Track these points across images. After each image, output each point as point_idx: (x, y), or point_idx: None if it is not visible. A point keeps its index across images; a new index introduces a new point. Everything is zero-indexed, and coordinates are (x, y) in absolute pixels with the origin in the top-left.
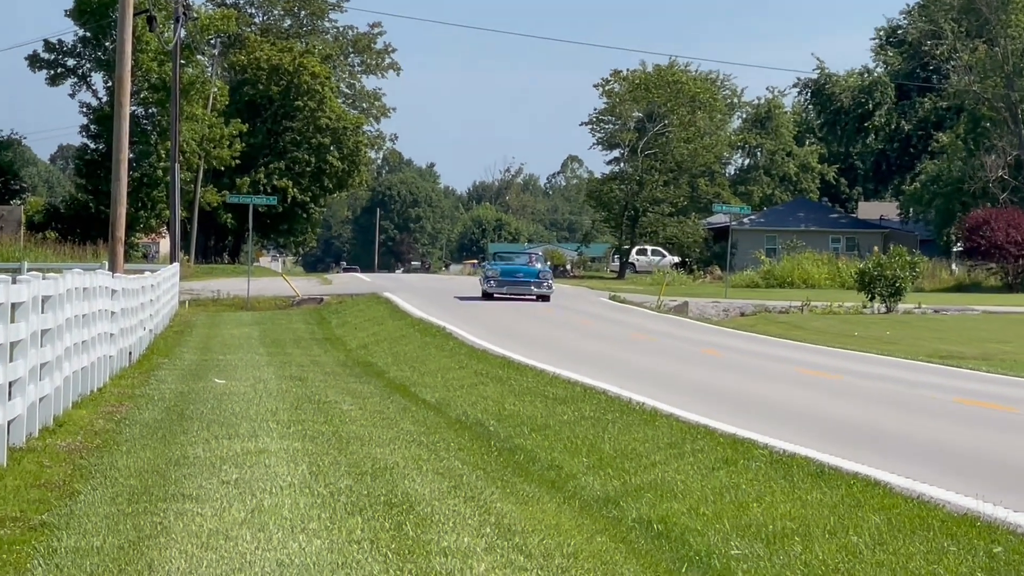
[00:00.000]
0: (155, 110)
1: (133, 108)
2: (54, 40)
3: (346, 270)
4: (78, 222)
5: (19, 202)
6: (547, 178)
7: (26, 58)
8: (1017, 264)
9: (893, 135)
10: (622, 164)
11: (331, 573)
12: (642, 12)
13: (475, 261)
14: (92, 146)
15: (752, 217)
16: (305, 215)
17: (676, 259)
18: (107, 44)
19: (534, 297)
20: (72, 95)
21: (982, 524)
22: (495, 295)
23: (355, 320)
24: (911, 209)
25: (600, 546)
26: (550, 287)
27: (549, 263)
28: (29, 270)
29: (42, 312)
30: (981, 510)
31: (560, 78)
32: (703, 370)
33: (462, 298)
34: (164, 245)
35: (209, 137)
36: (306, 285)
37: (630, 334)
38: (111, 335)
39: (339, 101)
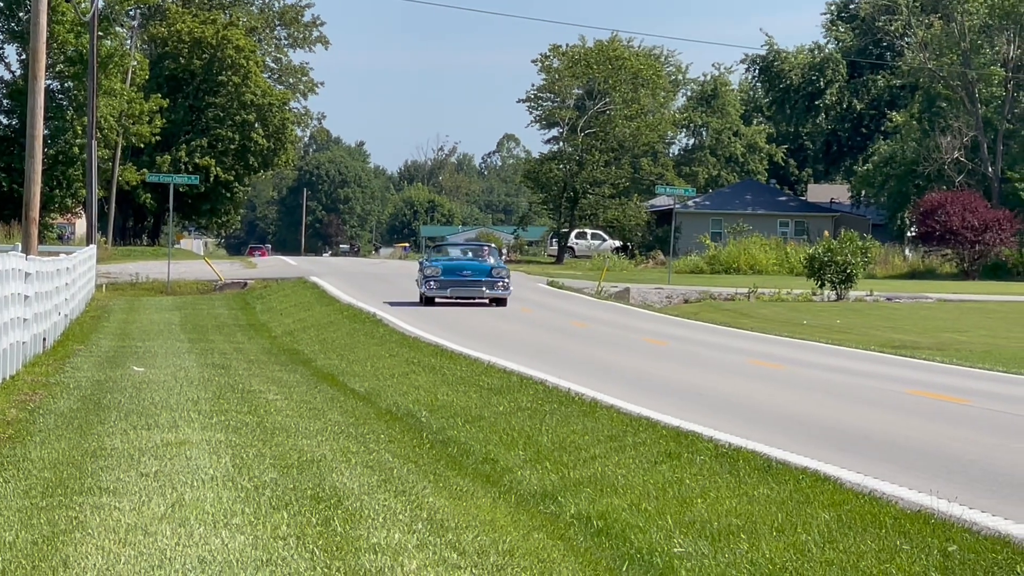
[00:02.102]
0: (71, 84)
1: (48, 82)
2: None
3: (253, 248)
4: None
5: None
6: (482, 158)
7: None
8: (973, 250)
9: (844, 114)
10: (561, 143)
11: (255, 570)
12: None
13: (406, 244)
14: (5, 122)
15: (697, 200)
16: (228, 195)
17: (617, 243)
18: (20, 15)
19: (486, 301)
20: None
21: (936, 521)
22: (437, 299)
23: (281, 306)
24: (863, 192)
25: (537, 543)
26: (506, 287)
27: (503, 255)
28: None
29: None
30: (935, 507)
31: (497, 53)
32: (645, 360)
33: (394, 303)
34: (80, 226)
35: (128, 113)
36: (229, 269)
37: (569, 322)
38: (24, 320)
39: (265, 76)
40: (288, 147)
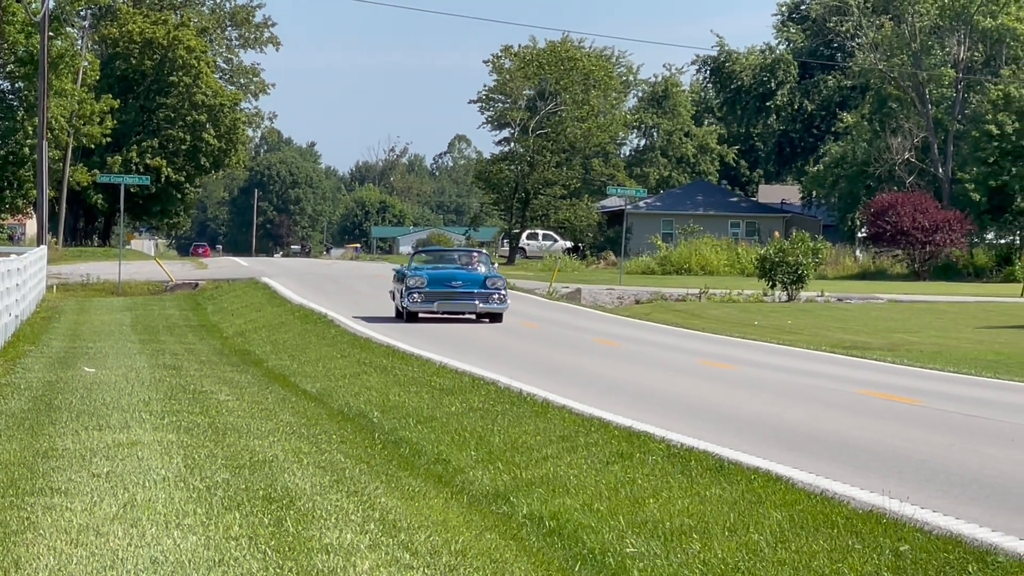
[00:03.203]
0: (22, 85)
1: None
2: None
3: (197, 247)
4: None
5: None
6: (434, 158)
7: None
8: (924, 250)
9: (795, 115)
10: (512, 144)
11: (207, 571)
12: None
13: (357, 245)
14: None
15: (648, 200)
16: (179, 196)
17: (568, 244)
18: None
19: (477, 316)
20: None
21: (888, 521)
22: (421, 314)
23: (232, 306)
24: (814, 193)
25: (489, 543)
26: (503, 300)
27: (494, 264)
28: None
29: None
30: (887, 507)
31: (448, 54)
32: (597, 360)
33: (369, 319)
34: (31, 227)
35: (79, 113)
36: (180, 269)
37: (520, 322)
38: None
39: (216, 76)
40: (239, 148)
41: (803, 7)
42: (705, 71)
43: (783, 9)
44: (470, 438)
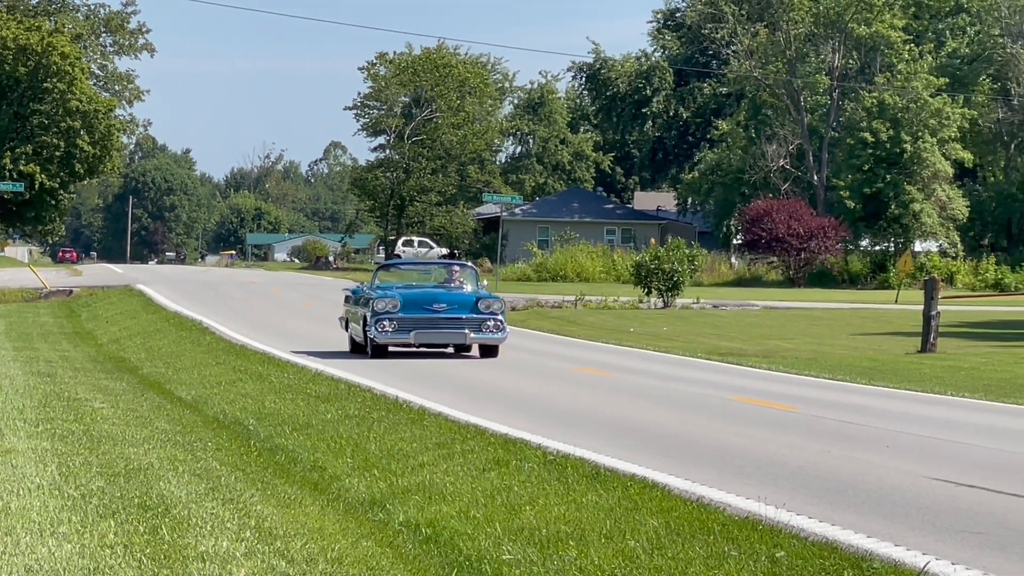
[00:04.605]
0: None
1: None
2: None
3: (63, 250)
4: None
5: None
6: (309, 165)
7: None
8: (799, 257)
9: (671, 122)
10: (388, 151)
11: None
12: None
13: (232, 252)
14: None
15: (524, 207)
16: (53, 202)
17: (444, 250)
18: None
19: (468, 350)
20: None
21: (764, 527)
22: (392, 347)
23: (107, 313)
24: (689, 199)
25: (366, 551)
26: (501, 328)
27: (483, 282)
28: None
29: None
30: (763, 513)
31: (323, 61)
32: (473, 367)
33: (315, 353)
34: None
35: None
36: (55, 276)
37: None
38: None
39: (90, 83)
40: (114, 154)
41: (678, 14)
42: (581, 78)
43: (659, 16)
44: (346, 445)
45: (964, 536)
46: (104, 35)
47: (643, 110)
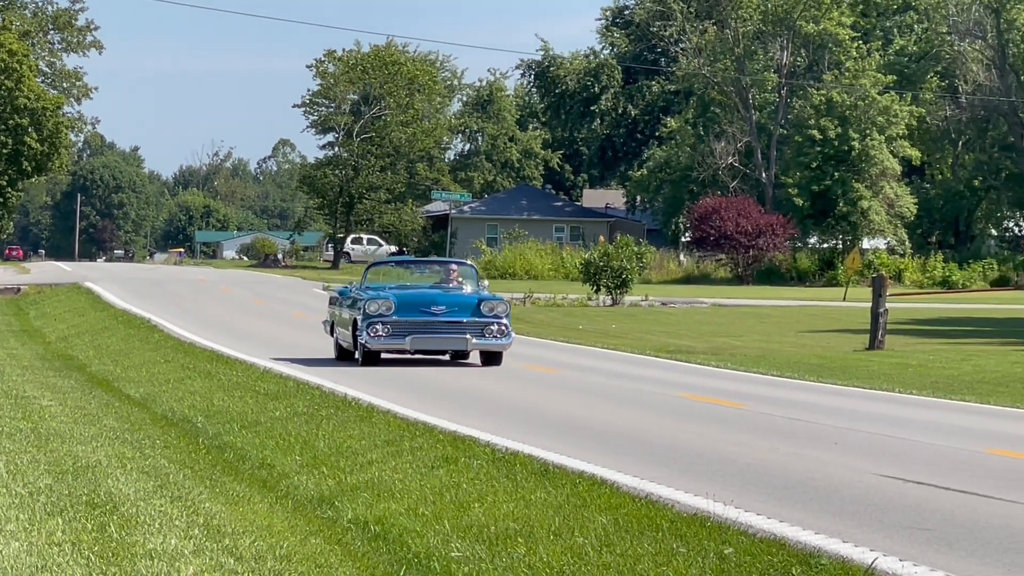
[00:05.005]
0: None
1: None
2: None
3: (9, 248)
4: None
5: None
6: (257, 163)
7: None
8: (747, 255)
9: (619, 120)
10: (337, 148)
11: None
12: None
13: (181, 250)
14: None
15: (472, 205)
16: (1, 200)
17: (393, 248)
18: None
19: (466, 356)
20: None
21: (712, 524)
22: (385, 353)
23: (55, 311)
24: (638, 197)
25: (314, 548)
26: (505, 332)
27: (484, 281)
28: None
29: None
30: (711, 510)
31: (272, 58)
32: (422, 365)
33: (277, 354)
34: None
35: None
36: (2, 275)
37: None
38: None
39: (38, 80)
40: (62, 152)
41: (627, 12)
42: (529, 76)
43: (607, 14)
44: (295, 443)
45: (912, 532)
46: (52, 32)
47: (592, 108)
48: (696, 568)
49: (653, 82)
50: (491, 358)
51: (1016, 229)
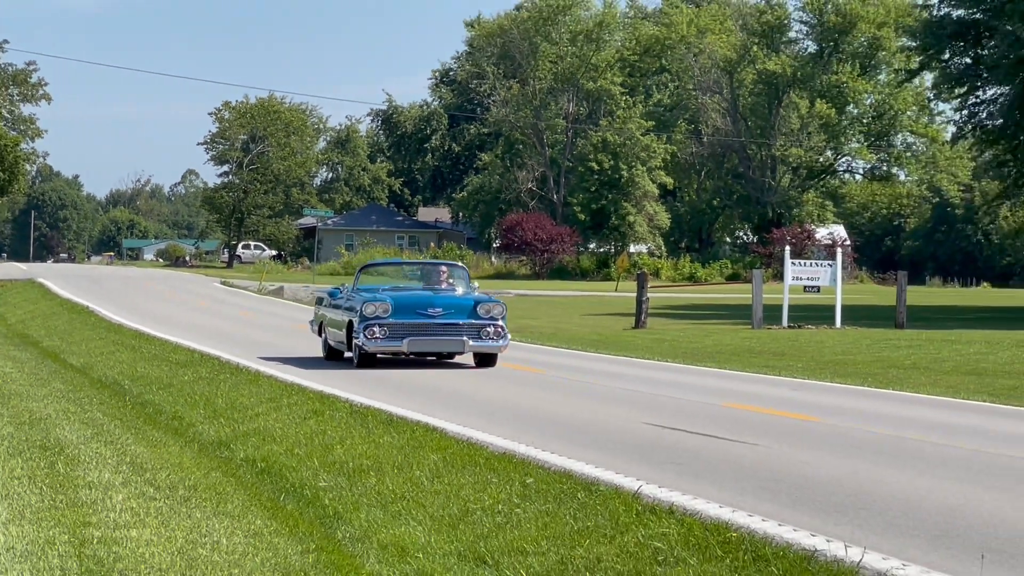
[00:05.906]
0: None
1: None
2: None
3: None
4: None
5: None
6: (171, 187)
7: None
8: (543, 257)
9: (446, 154)
10: (231, 176)
11: None
12: (247, 47)
13: (111, 253)
14: None
15: (334, 219)
16: None
17: (274, 252)
18: None
19: (461, 358)
20: None
21: (517, 460)
22: (380, 356)
23: (13, 300)
24: (460, 213)
25: (215, 480)
26: (501, 334)
27: (475, 283)
28: None
29: None
30: (517, 450)
31: (181, 106)
32: (295, 339)
33: (282, 360)
34: None
35: None
36: None
37: (238, 312)
38: None
39: (1, 124)
40: (20, 178)
41: (451, 73)
42: (378, 121)
43: (436, 74)
44: (199, 400)
45: (668, 466)
46: (12, 87)
47: (425, 145)
48: (505, 493)
49: (471, 126)
50: (486, 360)
51: (744, 237)
